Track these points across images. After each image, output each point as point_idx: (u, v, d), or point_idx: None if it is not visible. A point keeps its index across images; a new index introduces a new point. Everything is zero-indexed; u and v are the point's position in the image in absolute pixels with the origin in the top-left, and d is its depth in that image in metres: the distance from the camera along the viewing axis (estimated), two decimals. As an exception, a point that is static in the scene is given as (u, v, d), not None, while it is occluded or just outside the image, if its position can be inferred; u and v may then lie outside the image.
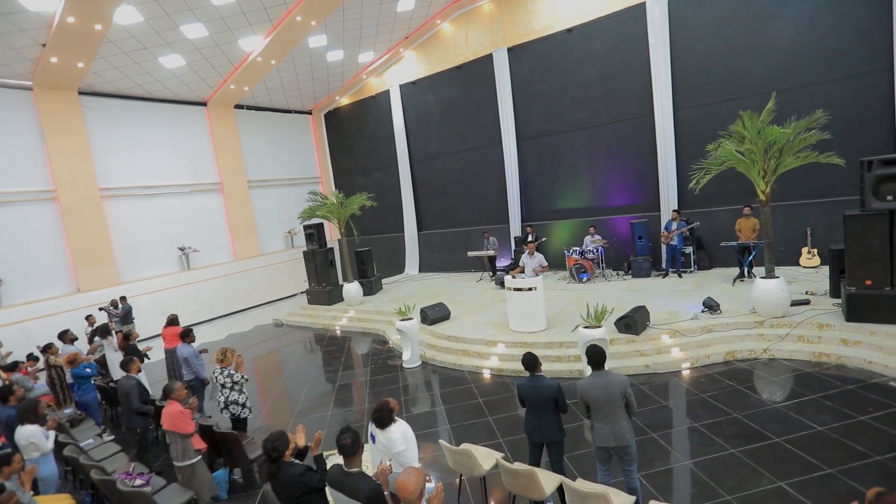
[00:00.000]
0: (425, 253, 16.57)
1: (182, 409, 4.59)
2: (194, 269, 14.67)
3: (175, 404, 4.57)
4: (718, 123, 10.54)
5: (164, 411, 4.53)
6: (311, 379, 8.45)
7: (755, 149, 6.65)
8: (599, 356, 3.77)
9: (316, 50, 14.41)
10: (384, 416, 3.57)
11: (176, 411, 4.51)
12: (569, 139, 13.05)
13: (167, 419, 4.48)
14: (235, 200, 16.04)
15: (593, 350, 3.79)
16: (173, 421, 4.48)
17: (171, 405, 4.55)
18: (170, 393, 4.62)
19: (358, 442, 3.05)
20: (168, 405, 4.56)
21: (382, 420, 3.58)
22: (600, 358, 3.76)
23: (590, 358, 3.80)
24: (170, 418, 4.48)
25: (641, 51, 11.46)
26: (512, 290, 8.04)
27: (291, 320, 13.14)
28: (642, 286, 10.27)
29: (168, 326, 8.42)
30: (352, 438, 3.02)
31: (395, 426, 3.61)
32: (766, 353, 6.68)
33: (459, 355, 8.09)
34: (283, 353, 10.62)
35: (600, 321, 6.39)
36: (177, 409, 4.52)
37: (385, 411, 3.58)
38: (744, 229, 9.60)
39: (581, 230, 12.64)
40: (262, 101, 16.91)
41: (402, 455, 3.55)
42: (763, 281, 7.22)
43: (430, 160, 16.08)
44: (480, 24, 14.14)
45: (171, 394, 4.62)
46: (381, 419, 3.57)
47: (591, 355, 3.80)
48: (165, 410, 4.53)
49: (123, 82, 12.79)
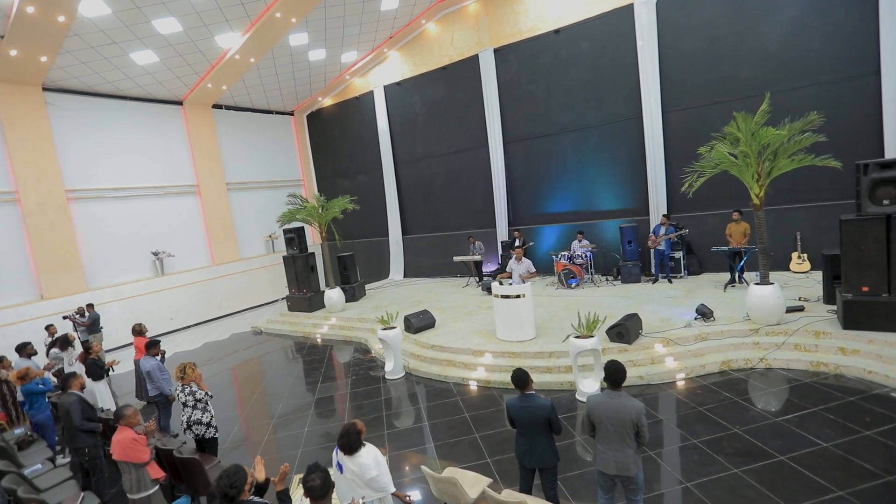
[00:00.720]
0: (410, 258, 16.17)
1: (135, 435, 4.13)
2: (169, 275, 14.04)
3: (127, 430, 4.10)
4: (707, 126, 10.43)
5: (115, 438, 4.06)
6: (289, 391, 7.99)
7: (749, 151, 6.45)
8: (618, 375, 3.41)
9: (297, 49, 13.96)
10: (352, 441, 3.21)
11: (128, 438, 4.05)
12: (556, 142, 12.82)
13: (118, 447, 4.02)
14: (213, 203, 15.45)
15: (613, 367, 3.44)
16: (125, 450, 4.02)
17: (121, 431, 4.09)
18: (120, 418, 4.16)
19: (328, 483, 2.66)
20: (118, 431, 4.09)
21: (350, 445, 3.21)
22: (619, 377, 3.41)
23: (608, 375, 3.45)
24: (121, 447, 4.01)
25: (629, 52, 11.30)
26: (499, 298, 7.71)
27: (271, 328, 12.61)
28: (632, 292, 10.04)
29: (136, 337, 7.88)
30: (321, 480, 2.63)
31: (365, 450, 3.26)
32: (762, 362, 6.45)
33: (445, 366, 7.71)
34: (260, 363, 10.11)
35: (592, 330, 6.08)
36: (129, 437, 4.06)
37: (352, 435, 3.22)
38: (734, 234, 9.44)
39: (569, 235, 12.40)
40: (242, 100, 16.38)
41: (376, 481, 3.20)
42: (757, 287, 7.01)
43: (415, 163, 15.73)
44: (466, 25, 13.86)
45: (121, 419, 4.15)
46: (349, 444, 3.20)
47: (609, 373, 3.44)
48: (115, 438, 4.06)
49: (92, 79, 12.17)
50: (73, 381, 5.44)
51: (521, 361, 7.08)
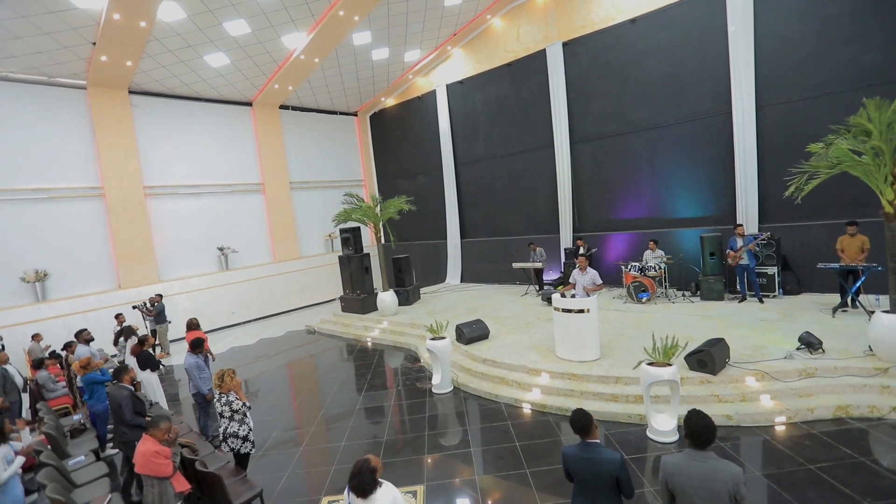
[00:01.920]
0: (468, 262, 15.62)
1: (157, 447, 3.87)
2: (232, 270, 14.51)
3: (150, 441, 3.85)
4: (813, 122, 9.04)
5: (138, 449, 3.82)
6: (333, 397, 7.69)
7: (884, 147, 5.21)
8: (707, 433, 2.60)
9: (360, 48, 13.92)
10: (365, 482, 2.69)
11: (150, 451, 3.79)
12: (629, 141, 11.71)
13: (140, 459, 3.77)
14: (277, 202, 15.84)
15: (700, 423, 2.62)
16: (147, 462, 3.76)
17: (146, 442, 3.84)
18: (150, 427, 3.92)
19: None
20: (143, 441, 3.85)
21: (364, 486, 2.69)
22: (708, 436, 2.60)
23: (692, 431, 2.64)
24: (143, 459, 3.76)
25: (719, 40, 10.01)
26: (560, 311, 6.91)
27: (324, 328, 12.57)
28: (714, 311, 8.79)
29: (189, 331, 7.97)
30: None
31: (382, 491, 2.74)
32: (894, 411, 5.16)
33: (496, 383, 7.05)
34: (309, 364, 9.99)
35: (669, 357, 5.16)
36: (151, 449, 3.80)
37: (366, 475, 2.70)
38: (848, 249, 7.94)
39: (641, 243, 11.25)
40: (307, 101, 16.69)
41: (394, 528, 2.65)
42: (887, 316, 5.69)
43: (476, 164, 15.16)
44: (533, 18, 13.11)
45: (150, 428, 3.92)
46: (362, 485, 2.69)
47: (694, 429, 2.63)
48: (139, 448, 3.82)
49: (171, 81, 12.82)
50: (124, 374, 5.42)
51: (582, 386, 6.26)
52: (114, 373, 5.34)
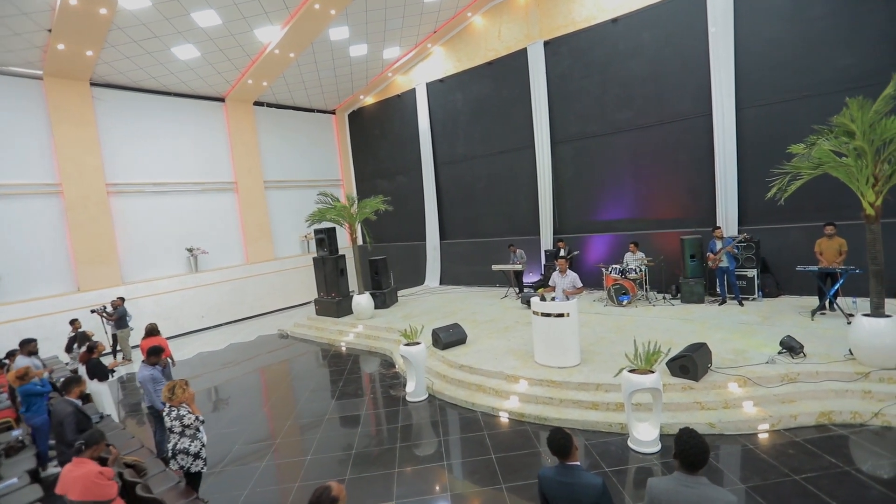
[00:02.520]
0: (447, 264, 15.32)
1: (100, 468, 3.44)
2: (202, 272, 13.92)
3: (88, 464, 3.42)
4: (792, 124, 9.03)
5: (70, 475, 3.36)
6: (301, 407, 7.29)
7: (867, 148, 5.09)
8: (699, 454, 2.32)
9: (338, 43, 13.53)
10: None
11: (92, 473, 3.34)
12: (610, 142, 11.58)
13: (78, 486, 3.29)
14: (250, 201, 15.29)
15: (690, 442, 2.35)
16: (90, 487, 3.31)
17: (81, 465, 3.39)
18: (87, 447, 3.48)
19: None
20: (76, 465, 3.40)
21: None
22: (700, 457, 2.32)
23: (682, 452, 2.35)
24: (82, 485, 3.29)
25: (699, 41, 9.96)
26: (539, 316, 6.66)
27: (297, 332, 12.11)
28: (695, 314, 8.68)
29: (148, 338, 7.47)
30: None
31: None
32: (876, 417, 5.04)
33: (473, 390, 6.75)
34: (279, 371, 9.54)
35: (651, 364, 4.94)
36: (93, 471, 3.36)
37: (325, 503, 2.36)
38: (826, 252, 7.91)
39: (621, 245, 11.11)
40: (283, 98, 16.20)
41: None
42: (868, 320, 5.59)
43: (456, 164, 14.89)
44: (515, 17, 12.92)
45: (87, 449, 3.48)
46: None
47: (684, 448, 2.35)
48: (72, 474, 3.36)
49: (137, 74, 12.21)
50: (74, 386, 4.94)
51: (561, 393, 6.01)
52: (63, 384, 4.86)
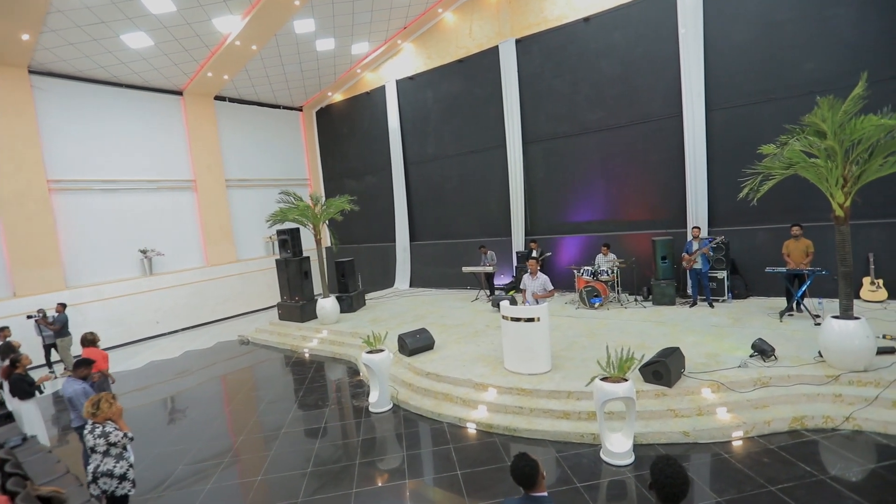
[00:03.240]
0: (417, 266, 14.94)
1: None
2: (157, 275, 13.11)
3: None
4: (759, 126, 9.08)
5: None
6: (256, 420, 6.78)
7: (837, 148, 5.00)
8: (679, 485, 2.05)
9: (303, 37, 12.98)
10: None
11: None
12: (582, 142, 11.46)
13: None
14: (210, 200, 14.53)
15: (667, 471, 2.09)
16: None
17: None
18: None
19: None
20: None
21: None
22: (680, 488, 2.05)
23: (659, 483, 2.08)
24: None
25: (669, 42, 9.92)
26: (509, 320, 6.37)
27: (258, 338, 11.50)
28: (667, 316, 8.58)
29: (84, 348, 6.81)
30: None
31: None
32: (847, 421, 4.94)
33: (440, 400, 6.40)
34: (236, 380, 8.96)
35: (625, 372, 4.70)
36: None
37: None
38: (793, 253, 7.92)
39: (593, 247, 10.99)
40: (247, 93, 15.50)
41: None
42: (837, 322, 5.51)
43: (427, 163, 14.54)
44: (486, 14, 12.68)
45: None
46: None
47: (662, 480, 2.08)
48: None
49: (82, 62, 11.37)
50: None
51: (531, 402, 5.72)
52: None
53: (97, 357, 6.61)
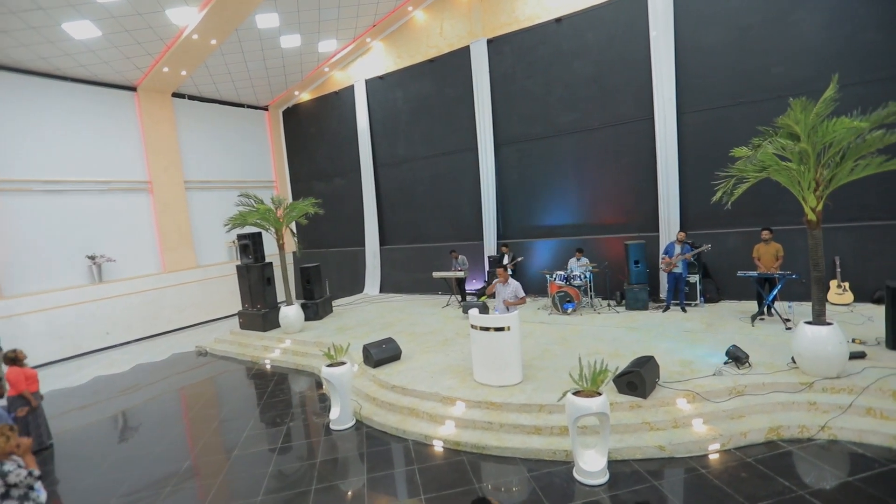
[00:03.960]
0: (388, 271, 14.50)
1: None
2: (108, 283, 12.25)
3: None
4: (729, 130, 9.07)
5: None
6: (206, 442, 6.23)
7: (810, 150, 4.88)
8: None
9: (266, 32, 12.42)
10: None
11: None
12: (554, 145, 11.29)
13: None
14: (168, 203, 13.74)
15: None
16: None
17: None
18: None
19: None
20: None
21: None
22: None
23: None
24: None
25: (641, 45, 9.85)
26: (478, 329, 6.04)
27: (217, 349, 10.84)
28: (640, 322, 8.43)
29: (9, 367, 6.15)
30: None
31: None
32: (823, 430, 4.81)
33: (405, 415, 6.01)
34: (189, 396, 8.34)
35: (598, 385, 4.42)
36: None
37: None
38: (764, 257, 7.88)
39: (566, 251, 10.81)
40: (208, 91, 14.78)
41: None
42: (810, 328, 5.40)
43: (397, 166, 14.14)
44: (457, 13, 12.41)
45: None
46: None
47: None
48: None
49: (19, 52, 10.52)
50: None
51: (501, 416, 5.40)
52: None
53: (21, 377, 6.00)
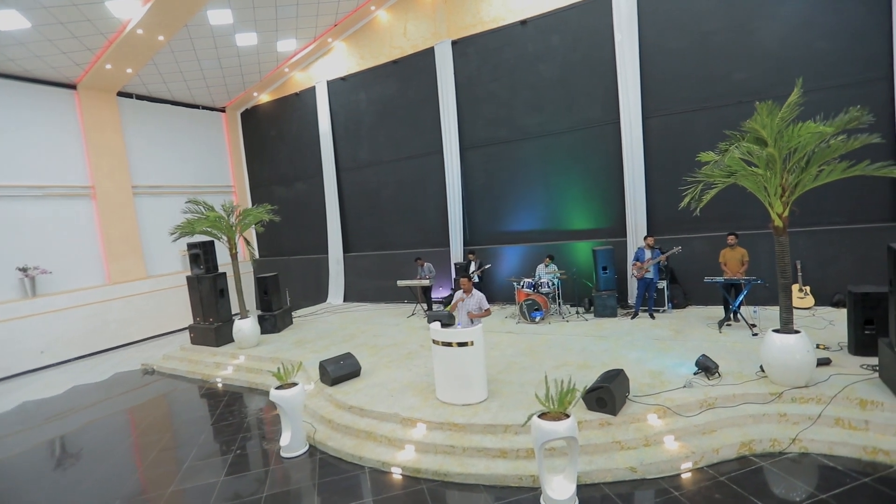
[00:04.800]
0: (352, 279, 13.97)
1: None
2: (43, 296, 11.25)
3: None
4: (693, 135, 9.08)
5: None
6: (137, 477, 5.60)
7: (777, 156, 4.75)
8: None
9: (220, 29, 11.76)
10: None
11: None
12: (521, 149, 11.09)
13: None
14: (113, 209, 12.81)
15: None
16: None
17: None
18: None
19: None
20: None
21: None
22: None
23: None
24: None
25: (606, 48, 9.77)
26: (440, 345, 5.66)
27: (165, 366, 10.06)
28: (608, 330, 8.24)
29: None
30: None
31: None
32: (794, 443, 4.65)
33: (362, 439, 5.56)
34: (126, 422, 7.61)
35: (566, 407, 4.11)
36: None
37: None
38: (730, 262, 7.85)
39: (534, 257, 10.60)
40: (159, 90, 13.92)
41: None
42: (778, 336, 5.28)
43: (360, 170, 13.67)
44: (422, 13, 12.08)
45: None
46: None
47: None
48: None
49: (-62, 46, 9.55)
50: None
51: (464, 439, 5.03)
52: None
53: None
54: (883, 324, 5.69)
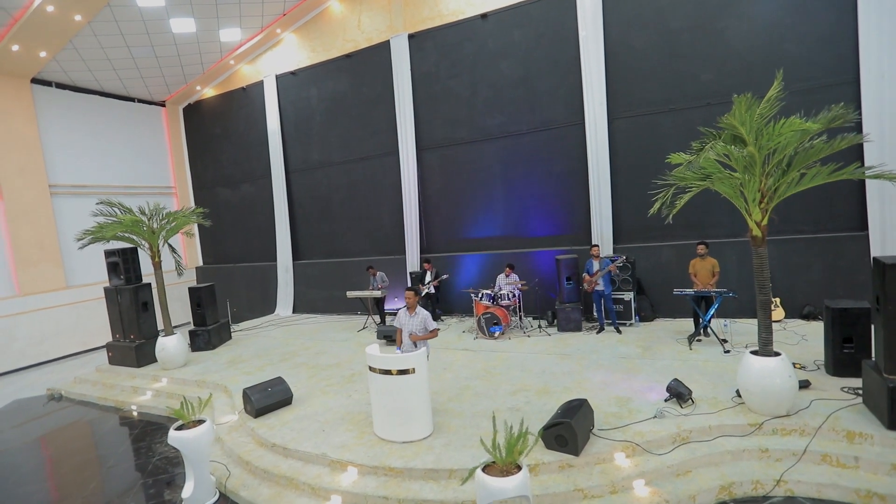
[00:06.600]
0: (301, 288, 12.92)
1: None
2: (-68, 311, 9.73)
3: None
4: (660, 137, 8.61)
5: None
6: (-1, 541, 4.49)
7: (757, 155, 4.18)
8: None
9: (150, 12, 10.59)
10: None
11: None
12: (481, 150, 10.41)
13: None
14: (24, 211, 11.34)
15: None
16: None
17: None
18: None
19: None
20: None
21: None
22: None
23: None
24: None
25: (571, 45, 9.25)
26: (377, 372, 4.82)
27: (76, 391, 8.76)
28: (572, 346, 7.60)
29: None
30: None
31: None
32: (779, 485, 4.05)
33: (282, 486, 4.64)
34: (11, 462, 6.37)
35: (517, 457, 3.34)
36: None
37: None
38: (700, 273, 7.35)
39: (494, 266, 9.91)
40: (83, 79, 12.52)
41: None
42: (757, 359, 4.71)
43: (311, 171, 12.68)
44: (376, 4, 11.27)
45: None
46: None
47: None
48: None
49: None
50: None
51: (401, 488, 4.20)
52: None
53: None
54: (863, 343, 5.26)
